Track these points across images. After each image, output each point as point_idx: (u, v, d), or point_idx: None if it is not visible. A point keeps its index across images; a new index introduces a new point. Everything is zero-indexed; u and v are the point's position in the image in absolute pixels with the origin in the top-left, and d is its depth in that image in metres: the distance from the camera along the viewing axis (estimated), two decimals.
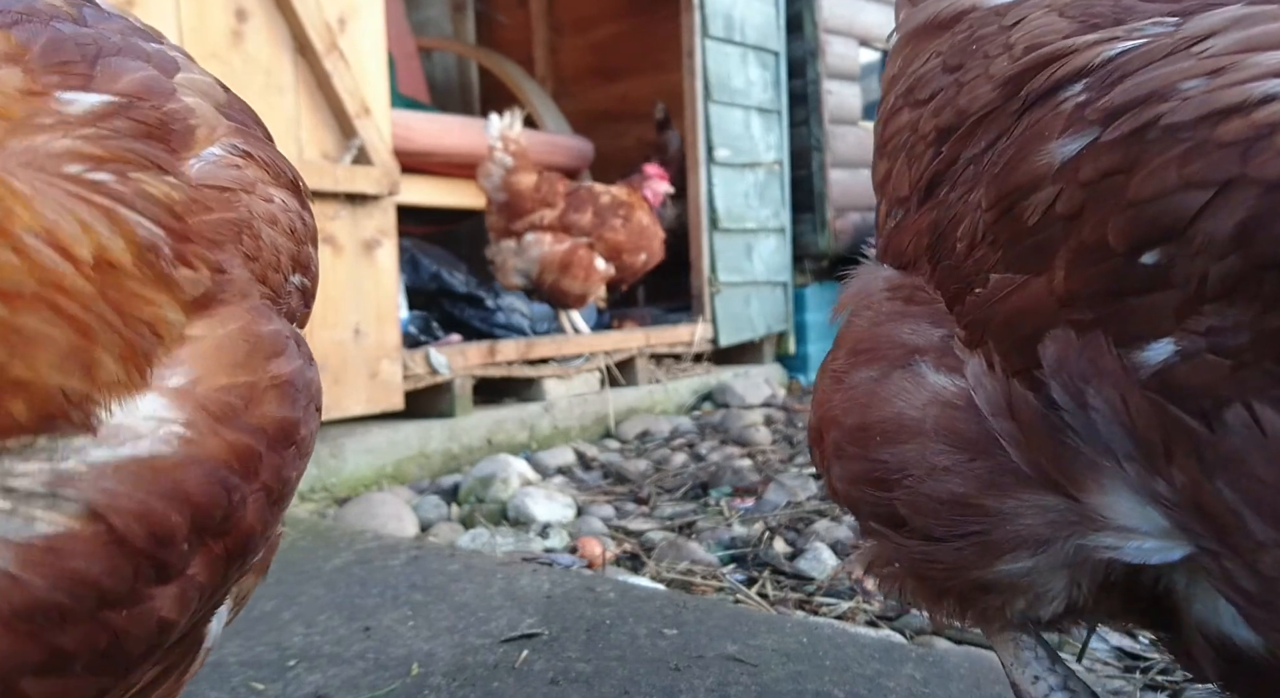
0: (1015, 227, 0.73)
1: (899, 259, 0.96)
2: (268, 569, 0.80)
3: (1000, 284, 0.74)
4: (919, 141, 0.98)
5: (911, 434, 0.81)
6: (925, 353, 0.83)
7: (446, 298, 4.42)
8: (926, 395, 0.81)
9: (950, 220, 0.84)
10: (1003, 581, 0.81)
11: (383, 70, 3.41)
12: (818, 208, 5.85)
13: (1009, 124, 0.81)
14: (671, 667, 1.51)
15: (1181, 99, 0.63)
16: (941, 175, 0.90)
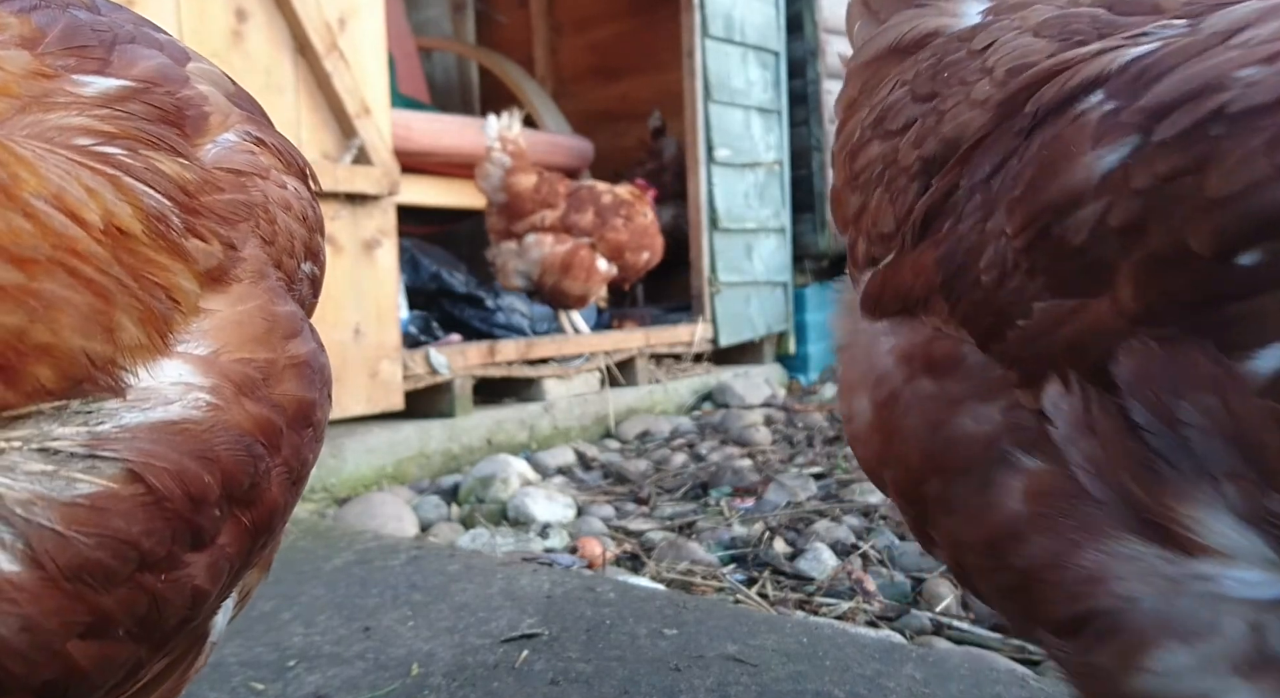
0: (1056, 249, 0.67)
1: (902, 301, 0.88)
2: (270, 567, 0.80)
3: (1050, 312, 0.68)
4: (900, 174, 0.93)
5: (1029, 530, 0.73)
6: (1003, 439, 0.75)
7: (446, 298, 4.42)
8: (1022, 483, 0.74)
9: (967, 252, 0.78)
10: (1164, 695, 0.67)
11: (383, 70, 3.41)
12: (818, 208, 5.85)
13: (1015, 145, 0.76)
14: (672, 667, 1.51)
15: (1244, 86, 0.58)
16: (940, 208, 0.85)
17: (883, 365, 0.87)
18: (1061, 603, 0.70)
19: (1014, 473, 0.73)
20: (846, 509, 2.74)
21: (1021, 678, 1.48)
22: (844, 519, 2.63)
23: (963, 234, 0.80)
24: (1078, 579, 0.68)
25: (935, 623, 1.94)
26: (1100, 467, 0.66)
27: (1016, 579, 0.75)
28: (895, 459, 0.86)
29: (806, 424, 4.17)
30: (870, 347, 0.91)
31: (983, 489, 0.76)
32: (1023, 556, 0.73)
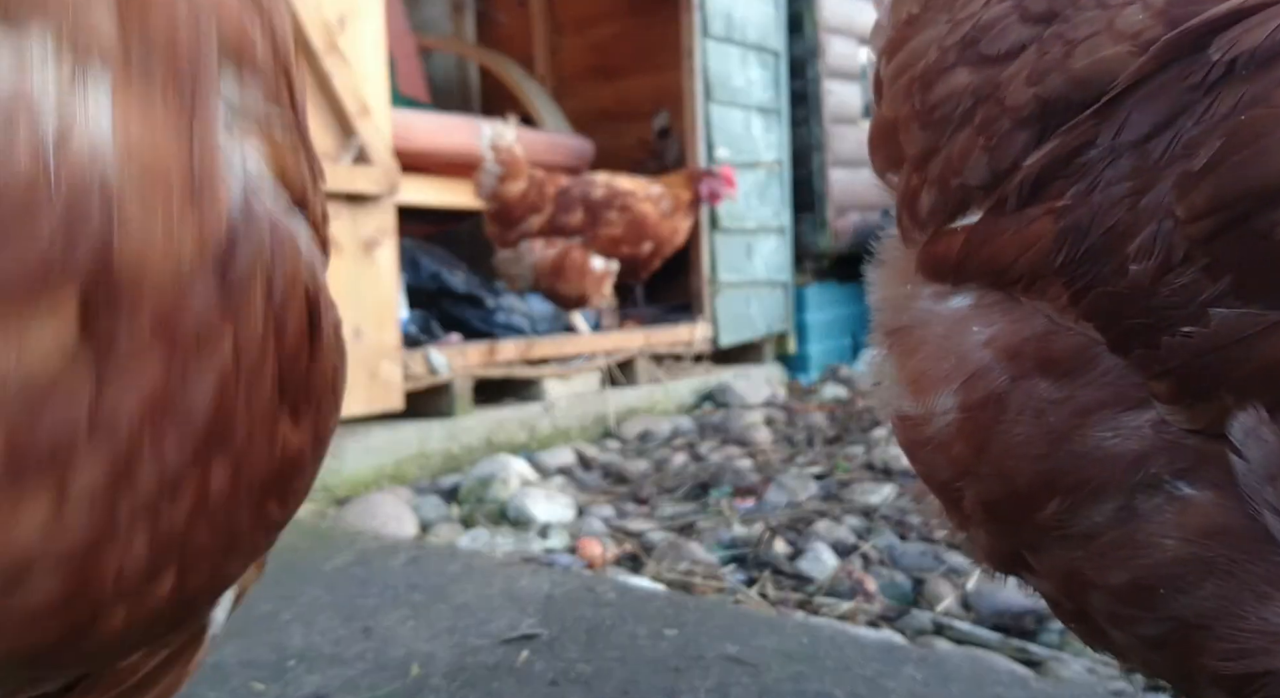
0: (1256, 245, 0.55)
1: (995, 275, 0.73)
2: (264, 566, 0.80)
3: (1238, 324, 0.56)
4: (1003, 116, 0.76)
5: (1201, 575, 0.60)
6: (1154, 460, 0.62)
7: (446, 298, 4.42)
8: (1198, 522, 0.60)
9: (1108, 231, 0.64)
10: None
11: (383, 70, 3.41)
12: (818, 208, 5.85)
13: (1190, 100, 0.61)
14: (672, 667, 1.51)
15: None
16: (1063, 167, 0.69)
17: (977, 359, 0.72)
18: (1231, 659, 0.59)
19: (1171, 504, 0.61)
20: (847, 509, 2.74)
21: (1022, 679, 1.47)
22: (844, 519, 2.63)
23: (1100, 206, 0.65)
24: (1261, 632, 0.58)
25: (936, 624, 1.94)
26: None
27: (1173, 631, 0.63)
28: (991, 473, 0.72)
29: (807, 424, 4.17)
30: (954, 334, 0.75)
31: (1127, 521, 0.63)
32: (1185, 605, 0.61)
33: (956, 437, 0.74)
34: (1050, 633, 1.83)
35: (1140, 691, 1.54)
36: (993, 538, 0.77)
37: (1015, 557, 0.75)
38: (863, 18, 6.11)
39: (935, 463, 0.78)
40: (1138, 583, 0.63)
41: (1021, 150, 0.74)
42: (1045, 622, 1.87)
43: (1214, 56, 0.59)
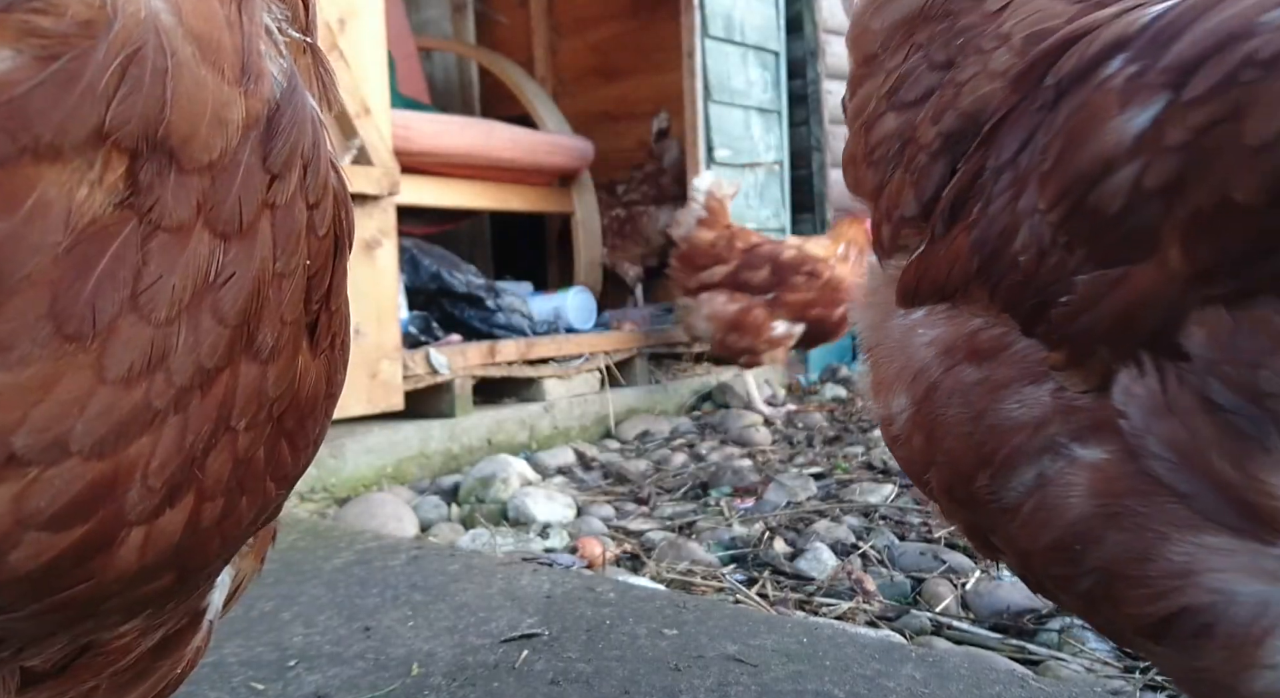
0: (1093, 219, 0.65)
1: (939, 291, 0.83)
2: (264, 559, 0.80)
3: (1095, 284, 0.65)
4: (920, 152, 0.88)
5: (1103, 528, 0.67)
6: (1052, 425, 0.70)
7: (446, 298, 4.42)
8: (1086, 476, 0.68)
9: (1001, 234, 0.75)
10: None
11: (383, 70, 3.41)
12: (818, 208, 5.85)
13: (1040, 119, 0.73)
14: (671, 667, 1.51)
15: (1272, 31, 0.56)
16: (968, 191, 0.81)
17: (921, 359, 0.82)
18: (1149, 602, 0.65)
19: (1071, 466, 0.68)
20: (846, 509, 2.74)
21: (1021, 678, 1.48)
22: (844, 519, 2.64)
23: (994, 216, 0.76)
24: (1166, 574, 0.64)
25: (935, 623, 1.94)
26: (1184, 452, 0.62)
27: (1098, 585, 0.69)
28: (940, 458, 0.81)
29: (806, 424, 4.17)
30: (905, 341, 0.85)
31: (1041, 486, 0.70)
32: (1100, 556, 0.67)
33: (913, 430, 0.83)
34: (1049, 632, 1.83)
35: (1139, 690, 1.54)
36: (960, 522, 0.84)
37: (982, 537, 0.81)
38: None
39: (904, 457, 0.87)
40: (1059, 543, 0.70)
41: (939, 181, 0.86)
42: (1044, 621, 1.87)
43: (1049, 82, 0.73)
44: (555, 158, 5.45)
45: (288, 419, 0.55)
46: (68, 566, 0.45)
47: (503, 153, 5.01)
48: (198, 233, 0.44)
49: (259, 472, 0.55)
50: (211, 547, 0.53)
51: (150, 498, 0.46)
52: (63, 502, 0.43)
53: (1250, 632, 0.61)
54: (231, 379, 0.48)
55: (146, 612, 0.57)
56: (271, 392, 0.52)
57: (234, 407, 0.49)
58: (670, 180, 5.85)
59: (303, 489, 3.06)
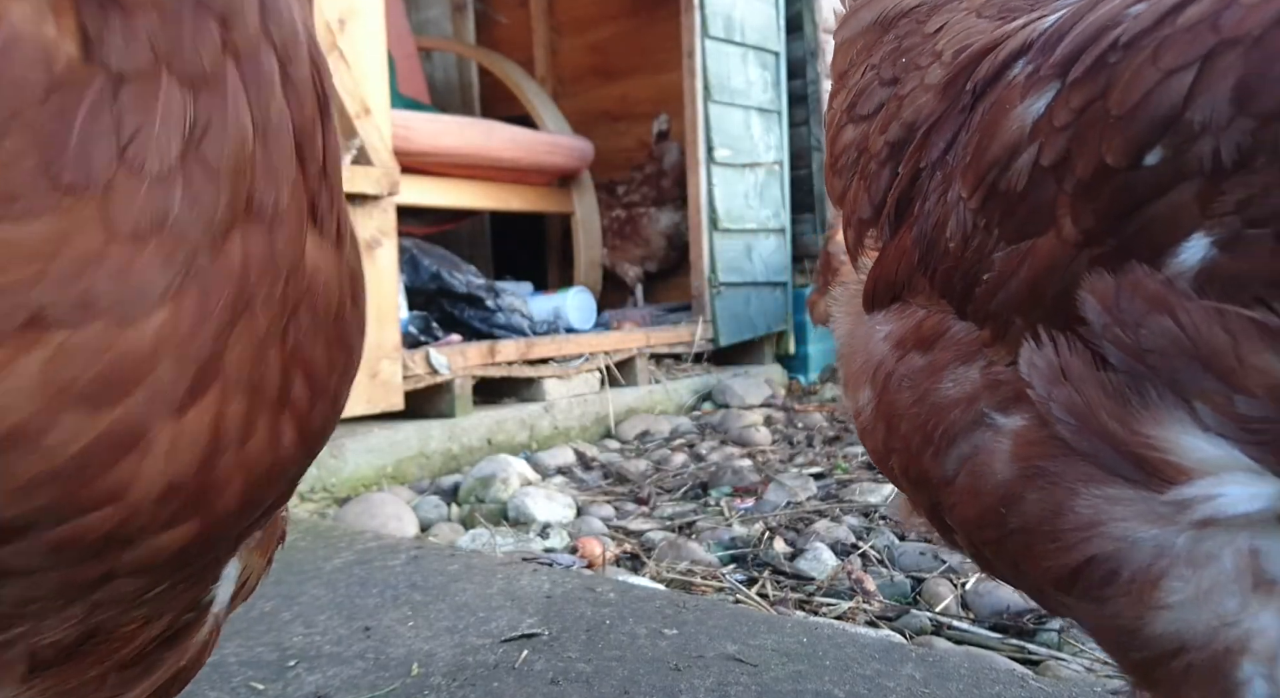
0: (1004, 200, 0.73)
1: (891, 288, 0.92)
2: (271, 560, 0.79)
3: (1008, 259, 0.72)
4: (870, 160, 0.97)
5: (1021, 488, 0.73)
6: (980, 398, 0.76)
7: (446, 298, 4.42)
8: (1007, 443, 0.73)
9: (935, 227, 0.83)
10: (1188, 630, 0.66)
11: (383, 70, 3.41)
12: (818, 208, 5.85)
13: (962, 120, 0.82)
14: (671, 667, 1.52)
15: (1132, 20, 0.64)
16: (909, 192, 0.89)
17: (879, 353, 0.89)
18: (1061, 554, 0.70)
19: (996, 435, 0.74)
20: (846, 509, 2.74)
21: (1021, 678, 1.48)
22: (844, 519, 2.64)
23: (929, 210, 0.84)
24: (1075, 527, 0.69)
25: (935, 623, 1.94)
26: (1079, 415, 0.67)
27: (1021, 544, 0.74)
28: (898, 444, 0.86)
29: (806, 424, 4.17)
30: (867, 339, 0.92)
31: (972, 458, 0.76)
32: (1021, 516, 0.73)
33: (875, 420, 0.89)
34: (1049, 632, 1.83)
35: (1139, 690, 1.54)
36: (921, 507, 0.89)
37: (940, 520, 0.85)
38: None
39: (871, 447, 0.93)
40: (986, 510, 0.76)
41: (886, 186, 0.93)
42: (1044, 621, 1.87)
43: (968, 88, 0.82)
44: (555, 158, 5.46)
45: (303, 314, 0.55)
46: (100, 464, 0.44)
47: (503, 153, 5.01)
48: (164, 82, 0.44)
49: (280, 374, 0.54)
50: (233, 488, 0.52)
51: (178, 379, 0.46)
52: (94, 372, 0.43)
53: (1149, 574, 0.66)
54: (239, 243, 0.48)
55: (159, 585, 0.56)
56: (280, 261, 0.51)
57: (248, 275, 0.49)
58: (670, 182, 5.86)
59: (303, 489, 3.06)
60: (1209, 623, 0.65)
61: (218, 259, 0.47)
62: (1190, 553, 0.64)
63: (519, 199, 5.44)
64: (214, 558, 0.62)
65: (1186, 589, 0.65)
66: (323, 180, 0.56)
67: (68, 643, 0.58)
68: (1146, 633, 0.68)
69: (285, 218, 0.51)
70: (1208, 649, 0.65)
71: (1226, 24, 0.57)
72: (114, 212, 0.42)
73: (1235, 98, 0.56)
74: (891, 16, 1.06)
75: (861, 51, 1.09)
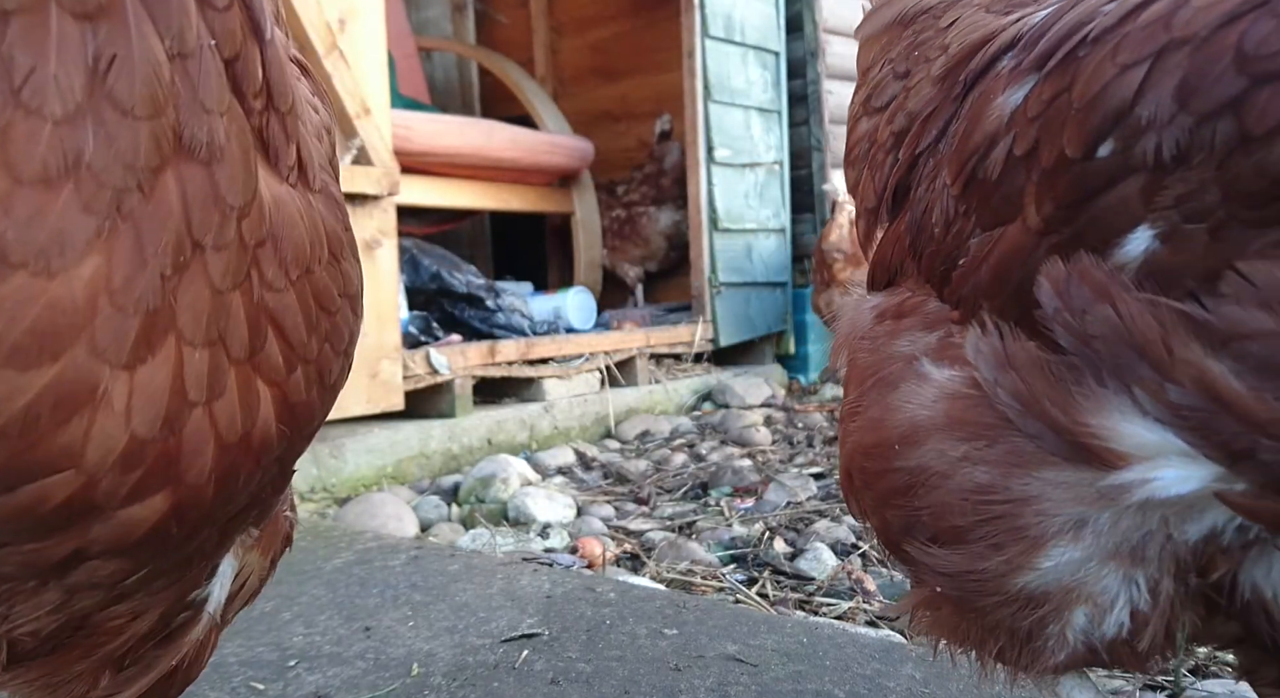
0: (981, 188, 0.75)
1: (887, 272, 0.95)
2: (275, 561, 0.78)
3: (980, 244, 0.75)
4: (878, 150, 1.00)
5: (926, 434, 0.78)
6: (924, 354, 0.82)
7: (446, 298, 4.42)
8: (933, 392, 0.78)
9: (924, 213, 0.85)
10: (1050, 586, 0.73)
11: (383, 70, 3.41)
12: (818, 208, 5.84)
13: (954, 110, 0.85)
14: (671, 667, 1.52)
15: (1102, 16, 0.67)
16: (906, 181, 0.92)
17: (862, 321, 0.95)
18: (960, 517, 0.75)
19: (924, 383, 0.79)
20: (846, 509, 2.74)
21: None
22: (844, 519, 2.63)
23: (920, 197, 0.87)
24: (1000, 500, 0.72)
25: None
26: (1024, 400, 0.70)
27: (903, 482, 0.79)
28: (845, 388, 0.94)
29: (806, 424, 4.17)
30: (857, 312, 0.98)
31: (888, 394, 0.82)
32: (914, 459, 0.78)
33: (849, 376, 0.95)
34: None
35: (1139, 690, 1.54)
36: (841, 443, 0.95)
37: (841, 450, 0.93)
38: None
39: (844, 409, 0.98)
40: (883, 442, 0.82)
41: (888, 174, 0.96)
42: None
43: (961, 78, 0.86)
44: (555, 158, 5.45)
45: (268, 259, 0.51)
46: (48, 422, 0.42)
47: (503, 153, 5.01)
48: (54, 15, 0.42)
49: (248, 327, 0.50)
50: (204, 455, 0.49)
51: (122, 330, 0.43)
52: (24, 326, 0.40)
53: (1039, 542, 0.71)
54: (174, 183, 0.45)
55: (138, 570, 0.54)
56: (230, 198, 0.48)
57: (190, 217, 0.46)
58: (670, 182, 5.86)
59: (303, 489, 3.06)
60: (1066, 582, 0.72)
61: (151, 201, 0.45)
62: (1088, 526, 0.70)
63: (519, 199, 5.44)
64: (199, 548, 0.59)
65: (1063, 556, 0.71)
66: (270, 109, 0.53)
67: (48, 633, 0.56)
68: (1007, 587, 0.74)
69: (227, 153, 0.48)
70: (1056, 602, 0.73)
71: (1178, 23, 0.59)
72: (14, 157, 0.41)
73: (1178, 95, 0.58)
74: (912, 14, 1.08)
75: (883, 48, 1.12)
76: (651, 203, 5.92)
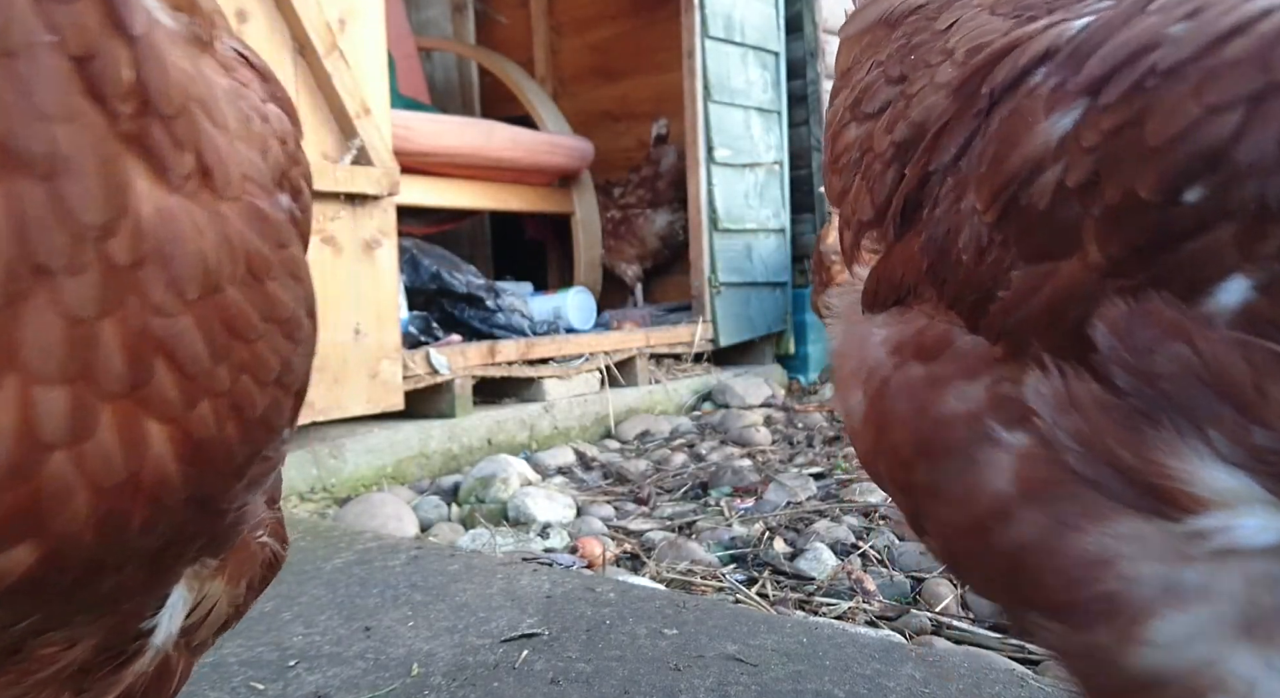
0: (1025, 217, 0.70)
1: (894, 291, 0.89)
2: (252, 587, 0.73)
3: (1027, 279, 0.70)
4: (875, 160, 0.95)
5: (1012, 506, 0.72)
6: (986, 412, 0.75)
7: (446, 298, 4.42)
8: (1008, 458, 0.72)
9: (946, 235, 0.80)
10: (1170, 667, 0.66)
11: (383, 70, 3.42)
12: (818, 208, 5.85)
13: (976, 125, 0.79)
14: (671, 667, 1.52)
15: (1172, 44, 0.62)
16: (918, 195, 0.87)
17: (874, 357, 0.88)
18: (1060, 589, 0.69)
19: (997, 450, 0.73)
20: (846, 509, 2.74)
21: (1020, 678, 1.48)
22: (844, 519, 2.64)
23: (940, 217, 0.82)
24: (1079, 564, 0.67)
25: (935, 623, 1.94)
26: (1088, 442, 0.66)
27: (1006, 563, 0.73)
28: (887, 449, 0.85)
29: (806, 424, 4.17)
30: (862, 341, 0.91)
31: (967, 469, 0.75)
32: (1010, 537, 0.72)
33: (866, 424, 0.88)
34: None
35: None
36: (903, 510, 0.88)
37: (917, 524, 0.86)
38: None
39: (861, 450, 0.92)
40: (977, 522, 0.74)
41: (891, 187, 0.90)
42: None
43: (985, 90, 0.78)
44: (555, 158, 5.46)
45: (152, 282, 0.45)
46: None
47: (503, 153, 5.01)
48: None
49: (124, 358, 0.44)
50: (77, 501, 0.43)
51: None
52: None
53: (1143, 610, 0.65)
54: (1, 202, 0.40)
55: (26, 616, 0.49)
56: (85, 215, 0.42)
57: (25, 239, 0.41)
58: (666, 185, 5.88)
59: (303, 489, 3.06)
60: (1191, 662, 0.64)
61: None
62: (1189, 591, 0.64)
63: (519, 199, 5.44)
64: (120, 586, 0.52)
65: (1174, 628, 0.64)
66: (148, 114, 0.46)
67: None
68: (1125, 665, 0.67)
69: (77, 164, 0.42)
70: (1184, 687, 0.65)
71: (1277, 65, 0.56)
72: None
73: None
74: (899, 13, 1.04)
75: (867, 48, 1.07)
76: (648, 205, 5.93)
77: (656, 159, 5.96)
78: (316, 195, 3.12)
